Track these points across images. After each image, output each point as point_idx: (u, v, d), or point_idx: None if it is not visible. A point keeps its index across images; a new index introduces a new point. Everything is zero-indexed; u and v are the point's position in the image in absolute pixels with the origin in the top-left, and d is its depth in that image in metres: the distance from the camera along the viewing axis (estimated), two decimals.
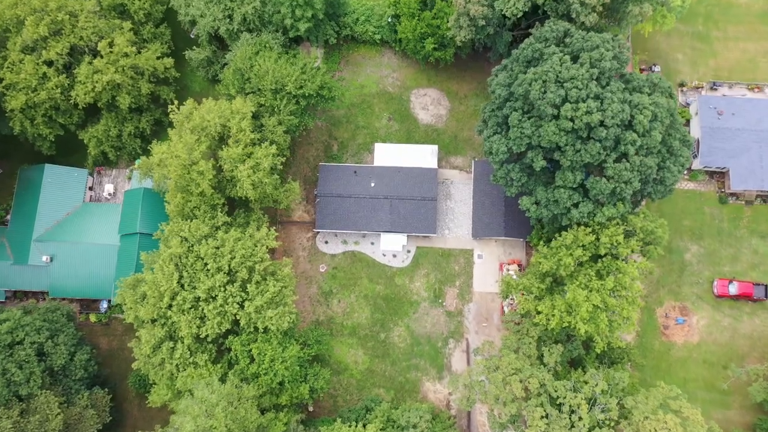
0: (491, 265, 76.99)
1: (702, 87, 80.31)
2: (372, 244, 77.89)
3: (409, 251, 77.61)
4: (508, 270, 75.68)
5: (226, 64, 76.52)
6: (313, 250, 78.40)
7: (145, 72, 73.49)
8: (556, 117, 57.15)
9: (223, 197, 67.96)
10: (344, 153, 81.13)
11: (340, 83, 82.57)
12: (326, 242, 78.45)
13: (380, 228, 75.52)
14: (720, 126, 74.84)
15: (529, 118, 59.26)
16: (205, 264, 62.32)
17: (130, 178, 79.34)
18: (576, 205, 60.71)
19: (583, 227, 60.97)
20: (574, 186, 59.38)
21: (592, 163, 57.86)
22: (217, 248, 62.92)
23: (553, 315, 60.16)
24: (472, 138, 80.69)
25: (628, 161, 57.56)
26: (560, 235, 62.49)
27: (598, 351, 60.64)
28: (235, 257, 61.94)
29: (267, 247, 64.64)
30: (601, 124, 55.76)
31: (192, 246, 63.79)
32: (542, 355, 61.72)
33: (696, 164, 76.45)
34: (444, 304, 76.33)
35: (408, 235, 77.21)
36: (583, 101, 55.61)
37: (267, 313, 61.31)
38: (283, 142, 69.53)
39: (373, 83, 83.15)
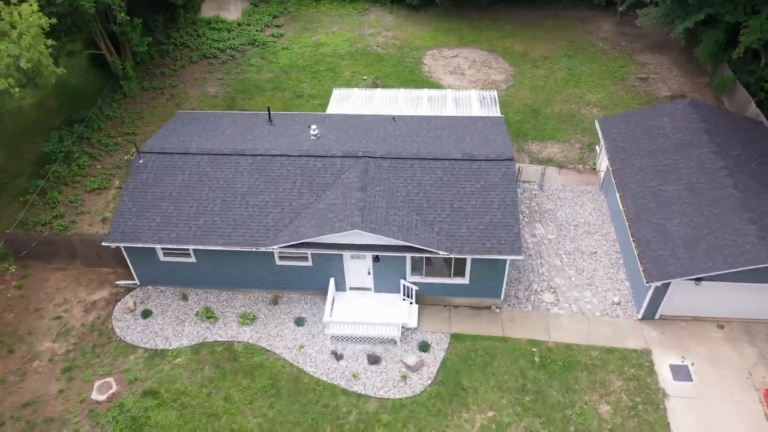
0: (730, 400, 20.34)
1: None
2: (295, 324, 22.60)
3: (426, 348, 21.72)
4: None
5: None
6: (100, 335, 22.57)
7: None
8: None
9: None
10: None
11: (274, 41, 38.84)
12: (142, 313, 23.11)
13: (331, 253, 21.66)
14: None
15: None
16: None
17: None
18: None
19: None
20: None
21: None
22: None
23: None
24: (578, 113, 32.74)
25: None
26: None
27: None
28: None
29: None
30: None
31: None
32: None
33: None
34: None
35: (422, 284, 22.70)
36: None
37: None
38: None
39: (343, 42, 39.11)
